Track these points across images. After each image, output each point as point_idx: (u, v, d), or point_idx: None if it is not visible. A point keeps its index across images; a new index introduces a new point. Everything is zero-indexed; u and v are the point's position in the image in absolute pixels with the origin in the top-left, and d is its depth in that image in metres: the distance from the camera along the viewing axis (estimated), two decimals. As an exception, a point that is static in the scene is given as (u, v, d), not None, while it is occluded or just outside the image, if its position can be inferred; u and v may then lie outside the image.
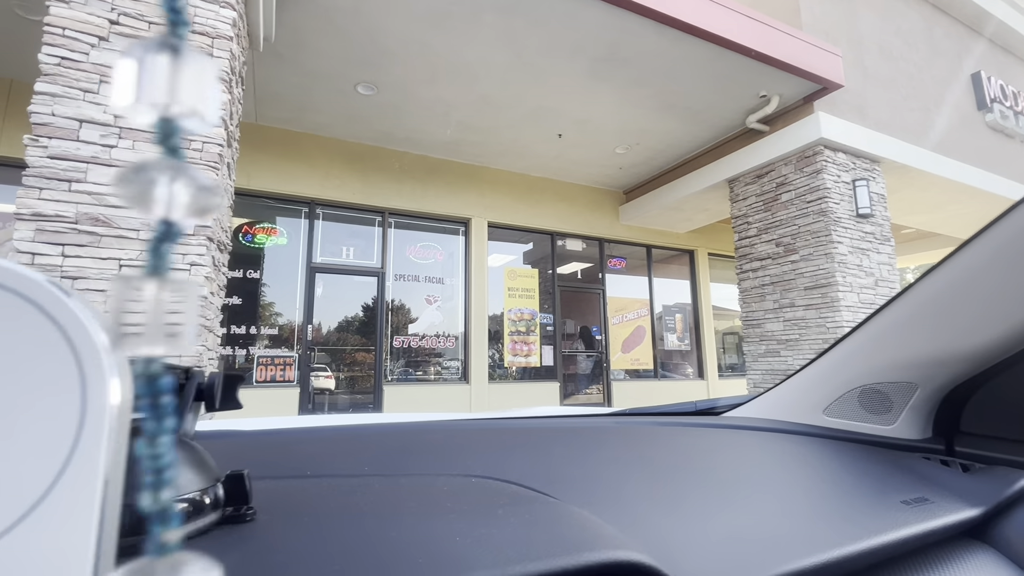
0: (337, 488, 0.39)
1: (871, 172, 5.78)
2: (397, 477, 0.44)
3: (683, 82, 5.14)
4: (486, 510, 0.37)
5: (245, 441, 0.52)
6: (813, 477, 0.58)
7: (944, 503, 0.52)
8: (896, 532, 0.45)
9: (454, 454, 0.52)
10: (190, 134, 0.16)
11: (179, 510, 0.27)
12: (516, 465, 0.50)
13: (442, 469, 0.48)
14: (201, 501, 0.29)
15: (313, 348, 5.82)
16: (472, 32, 4.29)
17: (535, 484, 0.45)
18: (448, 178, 6.72)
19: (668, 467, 0.55)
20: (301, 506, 0.35)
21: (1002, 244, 0.51)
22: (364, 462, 0.48)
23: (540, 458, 0.53)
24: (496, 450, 0.54)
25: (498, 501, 0.39)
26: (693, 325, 8.55)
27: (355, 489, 0.39)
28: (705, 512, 0.45)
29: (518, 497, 0.40)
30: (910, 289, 0.62)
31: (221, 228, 3.13)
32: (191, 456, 0.30)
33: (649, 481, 0.50)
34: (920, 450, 0.68)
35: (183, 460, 0.29)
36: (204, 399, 0.33)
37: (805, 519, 0.46)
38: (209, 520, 0.29)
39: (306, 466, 0.46)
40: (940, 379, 0.65)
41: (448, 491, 0.40)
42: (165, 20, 0.16)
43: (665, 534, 0.40)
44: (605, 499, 0.44)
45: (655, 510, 0.43)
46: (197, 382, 0.33)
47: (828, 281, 5.23)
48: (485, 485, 0.43)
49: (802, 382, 0.81)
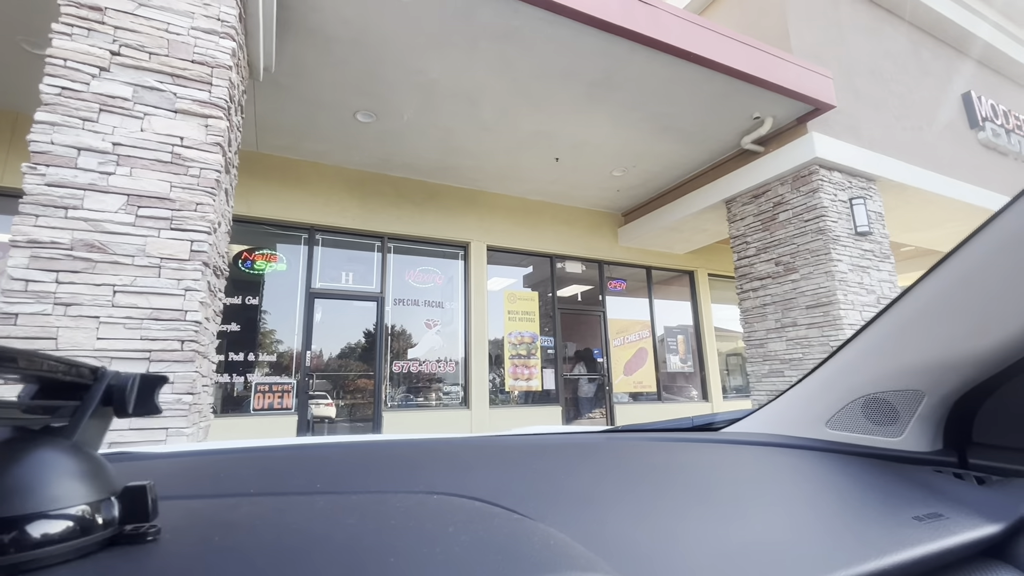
0: (267, 506, 0.35)
1: (867, 190, 5.80)
2: (348, 495, 0.40)
3: (677, 105, 5.22)
4: (436, 528, 0.33)
5: (177, 461, 0.48)
6: (818, 492, 0.54)
7: (960, 519, 0.48)
8: (910, 551, 0.41)
9: (420, 472, 0.48)
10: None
11: (61, 526, 0.24)
12: (488, 482, 0.46)
13: (404, 487, 0.44)
14: (87, 516, 0.25)
15: (312, 375, 5.76)
16: (468, 60, 4.38)
17: (505, 501, 0.41)
18: (447, 202, 6.77)
19: (660, 483, 0.51)
20: (218, 526, 0.31)
21: (1012, 235, 0.48)
22: (317, 480, 0.44)
23: (517, 474, 0.49)
24: (468, 467, 0.50)
25: (453, 519, 0.35)
26: (696, 346, 8.47)
27: (291, 507, 0.35)
28: (700, 530, 0.41)
29: (477, 514, 0.36)
30: (913, 288, 0.59)
31: (218, 253, 3.12)
32: (83, 465, 0.26)
33: (638, 498, 0.46)
34: (930, 463, 0.64)
35: (72, 470, 0.26)
36: (114, 403, 0.29)
37: (811, 537, 0.42)
38: (95, 539, 0.26)
39: (249, 485, 0.42)
40: (949, 385, 0.61)
41: (400, 508, 0.36)
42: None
43: (651, 555, 0.36)
44: (584, 517, 0.40)
45: (642, 528, 0.40)
46: (107, 383, 0.29)
47: (829, 299, 5.20)
48: (445, 502, 0.39)
49: (802, 394, 0.77)
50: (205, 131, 2.86)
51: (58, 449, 0.26)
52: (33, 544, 0.23)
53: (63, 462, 0.26)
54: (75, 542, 0.24)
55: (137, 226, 2.63)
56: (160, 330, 2.59)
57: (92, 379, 0.29)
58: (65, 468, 0.25)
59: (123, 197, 2.62)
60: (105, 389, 0.29)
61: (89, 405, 0.28)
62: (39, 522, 0.23)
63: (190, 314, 2.66)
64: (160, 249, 2.65)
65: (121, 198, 2.62)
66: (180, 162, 2.76)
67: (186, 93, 2.84)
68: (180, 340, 2.63)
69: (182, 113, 2.81)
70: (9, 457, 0.24)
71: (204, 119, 2.87)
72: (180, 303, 2.66)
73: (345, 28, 3.95)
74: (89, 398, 0.28)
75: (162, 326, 2.60)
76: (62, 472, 0.25)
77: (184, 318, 2.65)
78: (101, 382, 0.29)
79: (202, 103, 2.87)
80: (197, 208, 2.76)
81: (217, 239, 3.04)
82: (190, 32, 2.91)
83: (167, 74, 2.81)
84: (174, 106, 2.80)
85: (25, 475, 0.24)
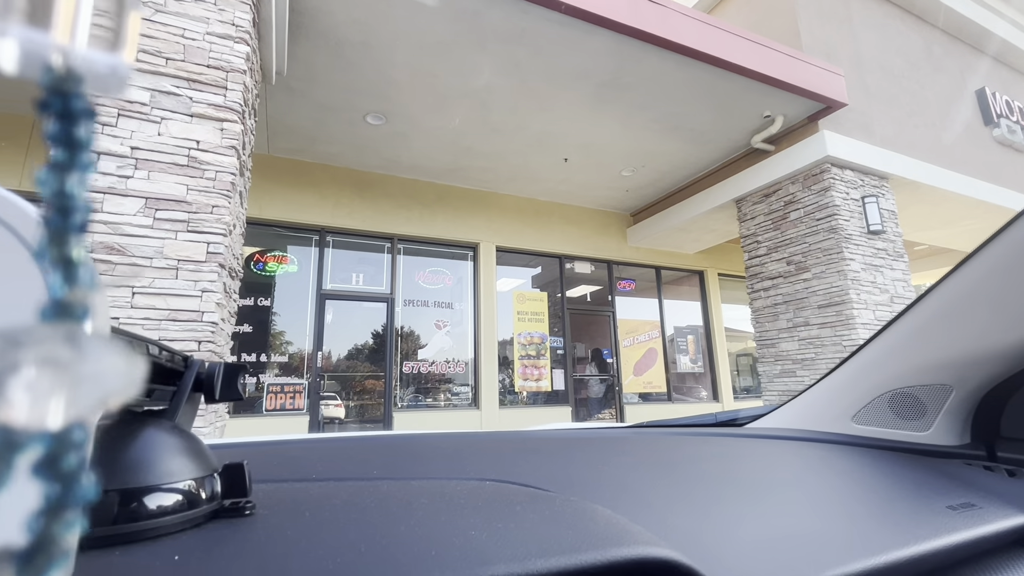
0: (343, 489, 0.37)
1: (880, 188, 5.75)
2: (407, 480, 0.41)
3: (687, 104, 5.20)
4: (503, 507, 0.34)
5: (248, 451, 0.50)
6: (848, 484, 0.54)
7: (993, 509, 0.49)
8: (946, 538, 0.42)
9: (467, 461, 0.50)
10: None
11: (174, 497, 0.26)
12: (532, 470, 0.47)
13: (454, 474, 0.45)
14: (195, 491, 0.27)
15: (323, 376, 5.80)
16: (477, 61, 4.40)
17: (553, 488, 0.42)
18: (456, 204, 6.79)
19: (693, 473, 0.52)
20: (303, 504, 0.33)
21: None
22: (373, 467, 0.46)
23: (557, 464, 0.50)
24: (510, 457, 0.51)
25: (516, 500, 0.36)
26: (706, 346, 8.42)
27: (362, 490, 0.36)
28: (737, 515, 0.41)
29: (537, 496, 0.38)
30: (940, 284, 0.60)
31: (233, 255, 3.16)
32: (188, 444, 0.28)
33: (674, 486, 0.47)
34: (959, 456, 0.64)
35: (180, 448, 0.27)
36: (203, 389, 0.31)
37: (845, 524, 0.43)
38: (203, 511, 0.27)
39: (311, 471, 0.44)
40: (976, 380, 0.61)
41: (462, 491, 0.37)
42: None
43: (696, 536, 0.37)
44: (629, 501, 0.41)
45: (683, 512, 0.40)
46: (196, 371, 0.31)
47: (842, 299, 5.15)
48: (501, 487, 0.40)
49: (827, 390, 0.77)
50: (220, 135, 2.90)
51: (164, 429, 0.28)
52: (149, 514, 0.24)
53: (171, 441, 0.27)
54: (185, 513, 0.26)
55: (155, 228, 2.67)
56: (178, 331, 2.63)
57: (184, 366, 0.31)
58: (174, 446, 0.27)
59: (141, 200, 2.66)
60: (195, 376, 0.31)
61: (185, 390, 0.30)
62: (155, 494, 0.25)
63: (207, 315, 2.70)
64: (177, 251, 2.69)
65: (139, 201, 2.66)
66: (196, 165, 2.81)
67: (202, 97, 2.88)
68: (197, 341, 2.66)
69: (198, 117, 2.86)
70: (126, 434, 0.26)
71: (219, 123, 2.91)
72: (197, 304, 2.69)
73: (355, 31, 3.99)
74: (184, 383, 0.30)
75: (180, 327, 2.63)
76: (172, 450, 0.27)
77: (201, 319, 2.69)
78: (192, 369, 0.31)
79: (217, 107, 2.91)
80: (213, 210, 2.80)
81: (232, 241, 3.08)
82: (205, 37, 2.96)
83: (183, 79, 2.85)
84: (190, 110, 2.84)
85: (142, 452, 0.25)
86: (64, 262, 0.11)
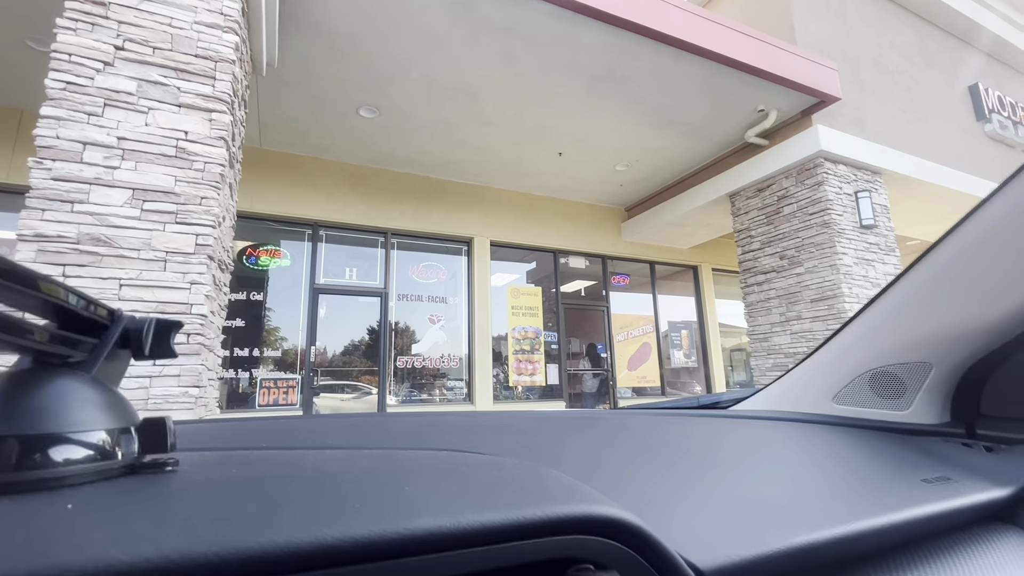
0: (285, 455, 0.36)
1: (873, 183, 5.77)
2: (360, 449, 0.40)
3: (681, 98, 5.19)
4: (449, 471, 0.33)
5: (202, 426, 0.49)
6: (825, 460, 0.54)
7: (968, 483, 0.48)
8: (918, 509, 0.41)
9: (429, 435, 0.49)
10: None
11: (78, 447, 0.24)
12: (497, 443, 0.46)
13: (412, 445, 0.44)
14: (107, 444, 0.26)
15: (316, 370, 5.78)
16: (470, 53, 4.37)
17: (515, 456, 0.41)
18: (450, 198, 6.77)
19: (670, 449, 0.51)
20: (233, 465, 0.32)
21: (1020, 203, 0.48)
22: (328, 438, 0.45)
23: (524, 438, 0.49)
24: (476, 432, 0.50)
25: (466, 464, 0.35)
26: (699, 341, 8.45)
27: (303, 456, 0.35)
28: (706, 487, 0.41)
29: (487, 462, 0.37)
30: (920, 261, 0.59)
31: (223, 247, 3.14)
32: (103, 397, 0.27)
33: (647, 461, 0.46)
34: (938, 434, 0.64)
35: (93, 399, 0.26)
36: (131, 346, 0.30)
37: (818, 495, 0.42)
38: (113, 464, 0.26)
39: (262, 441, 0.43)
40: (956, 356, 0.61)
41: (409, 458, 0.36)
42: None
43: (658, 503, 0.36)
44: (592, 471, 0.41)
45: (651, 483, 0.40)
46: (123, 325, 0.30)
47: (834, 293, 5.17)
48: (455, 455, 0.39)
49: (809, 370, 0.77)
50: (209, 125, 2.87)
51: (79, 380, 0.26)
52: (55, 464, 0.23)
53: (84, 391, 0.26)
54: (95, 464, 0.25)
55: (143, 220, 2.64)
56: (166, 323, 2.60)
57: (110, 320, 0.29)
58: (86, 397, 0.26)
59: (128, 191, 2.63)
60: (122, 331, 0.29)
61: (107, 343, 0.28)
62: (62, 444, 0.24)
63: (195, 307, 2.68)
64: (165, 243, 2.66)
65: (126, 192, 2.63)
66: (185, 156, 2.77)
67: (190, 87, 2.84)
68: (186, 333, 2.64)
69: (186, 107, 2.82)
70: (33, 383, 0.25)
71: (208, 113, 2.87)
72: (186, 296, 2.67)
73: (346, 22, 3.95)
74: (107, 336, 0.29)
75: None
76: (83, 400, 0.26)
77: (190, 311, 2.66)
78: (118, 323, 0.29)
79: (206, 97, 2.88)
80: (202, 202, 2.78)
81: (222, 233, 3.05)
82: (193, 27, 2.92)
83: (171, 68, 2.82)
84: (178, 100, 2.81)
85: (49, 399, 0.24)
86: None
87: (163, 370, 2.58)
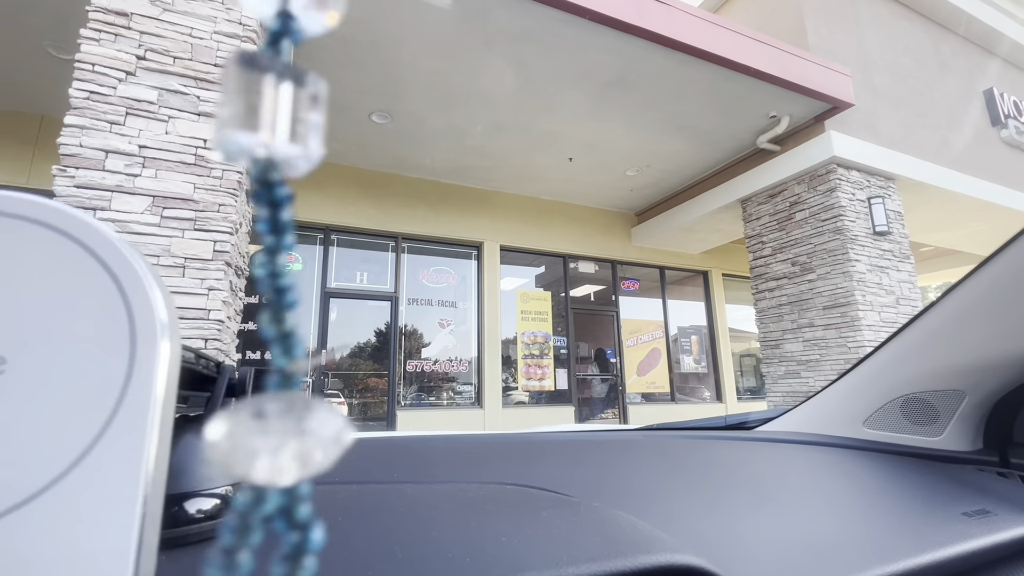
0: (369, 492, 0.37)
1: (886, 189, 5.72)
2: (429, 484, 0.42)
3: (692, 104, 5.19)
4: (529, 513, 0.34)
5: None
6: (862, 489, 0.54)
7: (1008, 516, 0.49)
8: (962, 545, 0.42)
9: (482, 464, 0.50)
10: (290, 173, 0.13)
11: (206, 506, 0.26)
12: (548, 474, 0.47)
13: (473, 477, 0.45)
14: (231, 495, 0.27)
15: (326, 374, 5.82)
16: (483, 60, 4.40)
17: (571, 491, 0.42)
18: (460, 203, 6.80)
19: (706, 477, 0.52)
20: (332, 508, 0.33)
21: None
22: (392, 470, 0.46)
23: (571, 467, 0.50)
24: (524, 460, 0.52)
25: (540, 505, 0.37)
26: (709, 347, 8.41)
27: (387, 493, 0.37)
28: (753, 520, 0.42)
29: (559, 502, 0.38)
30: (954, 290, 0.59)
31: (239, 253, 3.18)
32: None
33: (688, 489, 0.47)
34: (971, 462, 0.64)
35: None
36: (236, 394, 0.32)
37: (860, 530, 0.43)
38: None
39: (333, 473, 0.44)
40: (989, 386, 0.61)
41: (485, 496, 0.37)
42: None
43: (715, 540, 0.37)
44: (646, 506, 0.42)
45: (699, 517, 0.41)
46: (228, 376, 0.31)
47: (847, 300, 5.13)
48: (522, 491, 0.40)
49: (838, 393, 0.77)
50: (227, 133, 2.90)
51: (202, 434, 0.28)
52: (191, 519, 0.25)
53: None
54: (223, 519, 0.26)
55: (162, 227, 2.68)
56: (184, 329, 2.64)
57: (216, 372, 0.31)
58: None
59: (148, 198, 2.68)
60: (227, 382, 0.31)
61: (219, 395, 0.30)
62: (195, 499, 0.25)
63: (213, 313, 2.71)
64: (184, 249, 2.70)
65: (147, 199, 2.67)
66: (203, 164, 2.82)
67: (209, 96, 2.89)
68: (204, 339, 2.68)
69: (205, 116, 2.87)
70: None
71: (226, 121, 2.91)
72: (203, 302, 2.71)
73: (362, 30, 3.99)
74: (218, 389, 0.30)
75: (186, 325, 2.65)
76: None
77: (207, 317, 2.70)
78: (225, 375, 0.31)
79: (224, 106, 2.92)
80: (220, 209, 2.82)
81: (239, 239, 3.09)
82: (213, 36, 2.97)
83: (191, 78, 2.86)
84: (197, 109, 2.85)
85: (183, 457, 0.26)
86: (282, 337, 0.12)
87: (181, 375, 2.62)
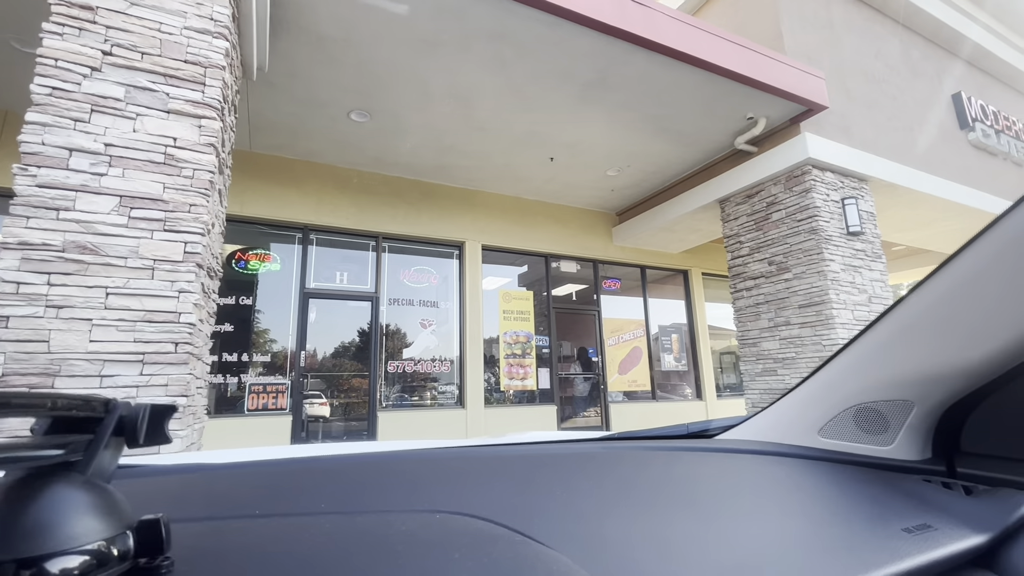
0: (278, 528, 0.36)
1: (859, 190, 5.85)
2: (353, 515, 0.40)
3: (672, 106, 5.23)
4: (442, 555, 0.33)
5: (184, 477, 0.48)
6: (810, 503, 0.55)
7: (948, 530, 0.50)
8: (900, 563, 0.42)
9: (423, 487, 0.49)
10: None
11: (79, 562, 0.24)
12: (490, 498, 0.47)
13: (408, 504, 0.44)
14: (103, 551, 0.26)
15: (306, 375, 5.74)
16: (462, 59, 4.37)
17: (508, 520, 0.42)
18: (441, 202, 6.76)
19: (657, 495, 0.52)
20: (231, 553, 0.32)
21: (1000, 250, 0.49)
22: (322, 498, 0.45)
23: (518, 489, 0.50)
24: (470, 482, 0.51)
25: (458, 542, 0.36)
26: (690, 345, 8.52)
27: (299, 529, 0.35)
28: (699, 547, 0.42)
29: (481, 537, 0.37)
30: (903, 301, 0.60)
31: (212, 254, 3.11)
32: (98, 500, 0.27)
33: (634, 513, 0.47)
34: (919, 471, 0.65)
35: (88, 505, 0.26)
36: (125, 434, 0.30)
37: (804, 549, 0.43)
38: (111, 573, 0.26)
39: (255, 504, 0.43)
40: (937, 396, 0.62)
41: (405, 531, 0.36)
42: None
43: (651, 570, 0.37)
44: (587, 536, 0.41)
45: (643, 548, 0.40)
46: (118, 415, 0.29)
47: (822, 299, 5.24)
48: (449, 523, 0.40)
49: (797, 401, 0.78)
50: (198, 132, 2.84)
51: (73, 485, 0.26)
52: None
53: (79, 498, 0.26)
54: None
55: (130, 227, 2.61)
56: (154, 332, 2.57)
57: (104, 411, 0.29)
58: (81, 504, 0.26)
59: (115, 198, 2.60)
60: (117, 420, 0.29)
61: (102, 438, 0.28)
62: (58, 559, 0.24)
63: (184, 316, 2.65)
64: (153, 251, 2.63)
65: (113, 199, 2.60)
66: (173, 163, 2.75)
67: (179, 93, 2.82)
68: (174, 342, 2.61)
69: (175, 114, 2.79)
70: (26, 496, 0.25)
71: (197, 119, 2.85)
72: (174, 305, 2.64)
73: (337, 27, 3.93)
74: (102, 431, 0.29)
75: (156, 328, 2.58)
76: (79, 508, 0.25)
77: (178, 320, 2.63)
78: (113, 414, 0.29)
79: (195, 103, 2.85)
80: (191, 209, 2.75)
81: (211, 240, 3.03)
82: (183, 32, 2.89)
83: (160, 74, 2.79)
84: (167, 106, 2.78)
85: (43, 514, 0.24)
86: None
87: (150, 380, 2.55)
